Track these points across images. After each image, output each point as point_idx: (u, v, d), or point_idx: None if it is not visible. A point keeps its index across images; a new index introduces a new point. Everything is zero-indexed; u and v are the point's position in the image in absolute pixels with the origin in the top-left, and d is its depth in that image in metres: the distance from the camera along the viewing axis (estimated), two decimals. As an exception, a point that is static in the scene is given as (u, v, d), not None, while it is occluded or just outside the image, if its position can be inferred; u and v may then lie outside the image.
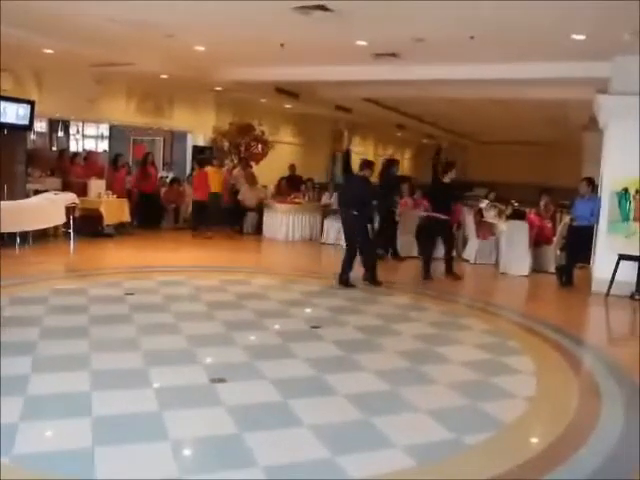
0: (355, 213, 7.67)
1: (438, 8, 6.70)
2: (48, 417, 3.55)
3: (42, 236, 9.72)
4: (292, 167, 14.96)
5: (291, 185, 13.71)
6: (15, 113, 9.55)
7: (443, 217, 8.70)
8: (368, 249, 7.88)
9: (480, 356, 5.24)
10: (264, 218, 12.34)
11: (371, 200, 8.18)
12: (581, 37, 7.50)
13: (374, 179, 9.05)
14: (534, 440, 3.77)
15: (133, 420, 3.56)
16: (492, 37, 7.86)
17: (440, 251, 9.17)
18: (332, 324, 5.96)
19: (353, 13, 7.04)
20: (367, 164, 8.09)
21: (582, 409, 4.20)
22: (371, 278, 7.82)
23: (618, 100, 8.23)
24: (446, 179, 8.86)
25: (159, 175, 13.47)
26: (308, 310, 6.60)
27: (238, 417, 3.65)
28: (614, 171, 8.43)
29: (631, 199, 8.30)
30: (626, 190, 8.30)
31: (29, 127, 10.20)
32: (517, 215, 10.44)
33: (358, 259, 7.82)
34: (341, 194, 8.64)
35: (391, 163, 10.85)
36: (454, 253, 10.35)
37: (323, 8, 6.85)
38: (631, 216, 8.32)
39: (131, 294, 6.64)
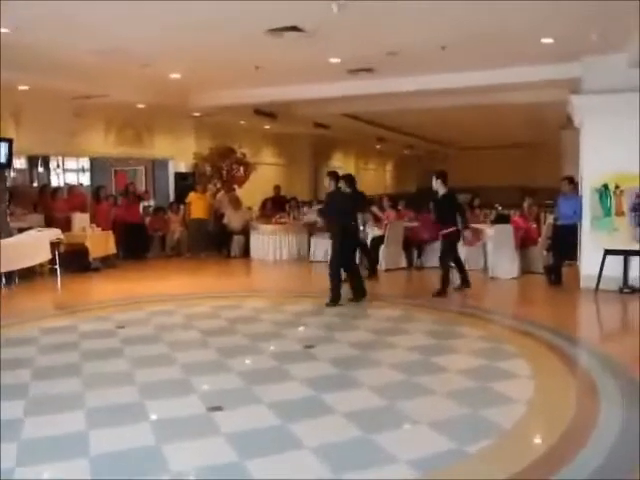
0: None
1: (408, 21, 6.81)
2: (45, 461, 3.49)
3: (28, 274, 9.61)
4: (277, 188, 14.99)
5: (276, 205, 13.72)
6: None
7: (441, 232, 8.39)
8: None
9: (476, 363, 5.24)
10: (251, 240, 12.32)
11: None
12: (550, 40, 7.62)
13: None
14: (535, 443, 3.76)
15: (132, 456, 3.51)
16: (463, 46, 7.96)
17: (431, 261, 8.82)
18: (326, 342, 5.94)
19: (325, 31, 7.11)
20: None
21: (581, 409, 4.20)
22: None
23: (590, 99, 8.37)
24: (437, 189, 8.36)
25: (146, 204, 13.44)
26: (301, 330, 6.58)
27: (238, 444, 3.61)
28: (593, 168, 8.55)
29: (611, 195, 8.42)
30: (606, 186, 8.42)
31: (7, 165, 10.15)
32: (502, 219, 10.51)
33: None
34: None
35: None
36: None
37: (295, 29, 6.92)
38: (613, 211, 8.43)
39: (122, 327, 6.58)
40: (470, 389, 4.61)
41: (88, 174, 16.69)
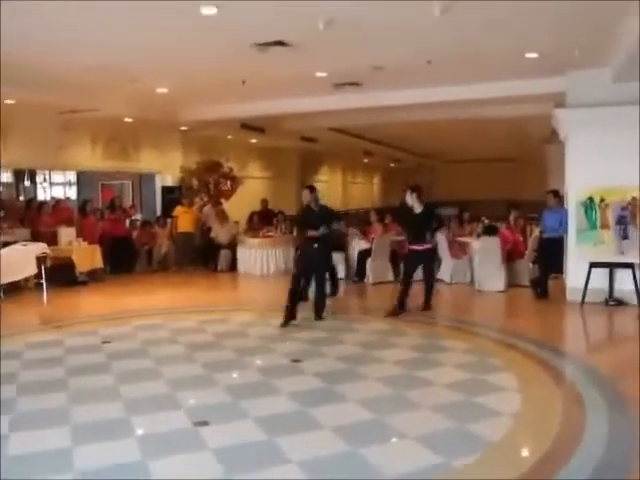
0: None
1: (394, 36, 6.87)
2: (30, 476, 3.43)
3: (14, 289, 9.54)
4: (264, 202, 14.95)
5: (263, 219, 13.69)
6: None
7: (420, 248, 7.84)
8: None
9: (463, 376, 5.25)
10: (238, 254, 12.29)
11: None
12: (534, 55, 7.73)
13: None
14: (523, 456, 3.77)
15: (118, 472, 3.47)
16: (449, 61, 8.05)
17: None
18: (313, 356, 5.93)
19: (310, 46, 7.17)
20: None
21: (567, 421, 4.22)
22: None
23: (575, 113, 8.47)
24: (412, 204, 7.84)
25: (133, 217, 13.39)
26: (288, 344, 6.56)
27: (225, 459, 3.59)
28: (578, 181, 8.63)
29: (596, 207, 8.48)
30: (591, 199, 8.48)
31: (-6, 180, 10.12)
32: (491, 229, 10.46)
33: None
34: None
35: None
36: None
37: (281, 43, 6.97)
38: (598, 224, 8.49)
39: (108, 342, 6.53)
40: (457, 402, 4.61)
41: (75, 188, 16.65)
